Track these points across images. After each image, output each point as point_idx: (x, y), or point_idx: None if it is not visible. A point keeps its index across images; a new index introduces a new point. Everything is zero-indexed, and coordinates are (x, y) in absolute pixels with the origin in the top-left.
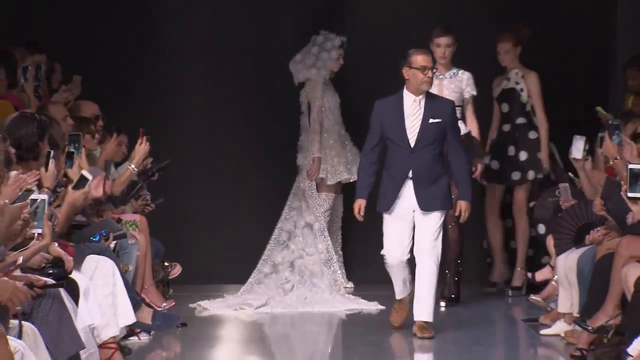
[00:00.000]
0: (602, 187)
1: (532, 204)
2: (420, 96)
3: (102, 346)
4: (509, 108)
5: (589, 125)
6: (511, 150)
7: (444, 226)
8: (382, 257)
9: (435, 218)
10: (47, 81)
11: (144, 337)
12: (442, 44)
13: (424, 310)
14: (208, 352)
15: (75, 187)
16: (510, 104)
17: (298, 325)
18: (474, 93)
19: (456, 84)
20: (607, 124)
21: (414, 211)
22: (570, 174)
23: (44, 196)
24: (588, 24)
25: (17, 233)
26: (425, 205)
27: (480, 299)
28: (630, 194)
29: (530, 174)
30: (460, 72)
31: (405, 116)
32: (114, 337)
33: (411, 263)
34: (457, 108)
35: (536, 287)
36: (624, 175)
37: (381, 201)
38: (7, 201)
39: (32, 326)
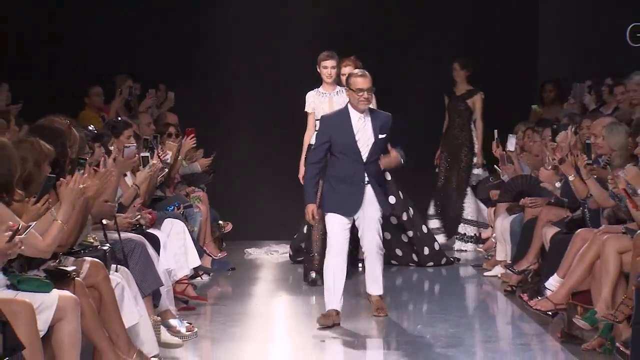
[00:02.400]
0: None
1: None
2: (364, 113)
3: (178, 282)
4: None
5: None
6: None
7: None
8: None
9: (377, 218)
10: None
11: (205, 277)
12: (329, 66)
13: (379, 285)
14: (251, 288)
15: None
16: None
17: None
18: None
19: (343, 99)
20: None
21: (356, 215)
22: (496, 166)
23: None
24: (517, 49)
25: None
26: (386, 208)
27: None
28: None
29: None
30: (343, 89)
31: (355, 131)
32: (185, 276)
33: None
34: None
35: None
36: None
37: (330, 204)
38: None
39: (126, 269)
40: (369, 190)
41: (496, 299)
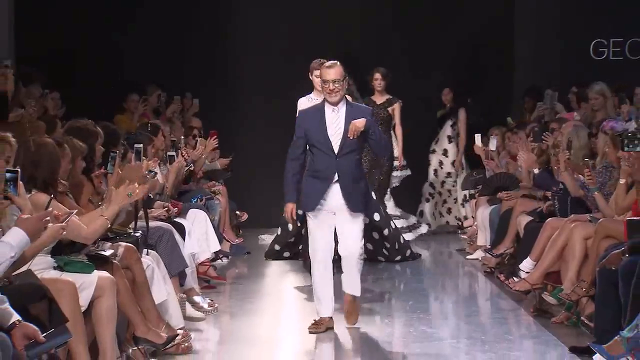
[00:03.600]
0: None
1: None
2: (339, 105)
3: (200, 264)
4: None
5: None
6: None
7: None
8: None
9: (359, 219)
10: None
11: (224, 260)
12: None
13: (356, 285)
14: (264, 269)
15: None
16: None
17: None
18: None
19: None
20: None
21: (334, 213)
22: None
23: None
24: (493, 59)
25: None
26: (355, 207)
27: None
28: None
29: None
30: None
31: (327, 124)
32: (207, 259)
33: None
34: None
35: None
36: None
37: (306, 202)
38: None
39: (156, 253)
40: (335, 188)
41: (477, 278)
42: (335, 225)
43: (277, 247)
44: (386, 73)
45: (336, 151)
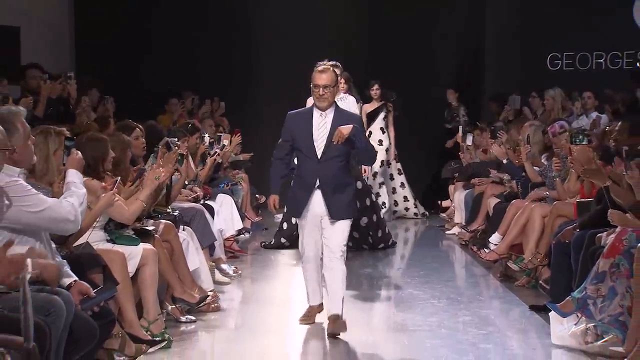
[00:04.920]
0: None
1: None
2: (327, 110)
3: (226, 239)
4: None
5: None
6: None
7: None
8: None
9: (343, 225)
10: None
11: (246, 235)
12: None
13: (338, 306)
14: None
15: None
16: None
17: None
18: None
19: (344, 105)
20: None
21: (321, 218)
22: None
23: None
24: (464, 65)
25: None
26: (334, 213)
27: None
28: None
29: None
30: (346, 96)
31: (313, 128)
32: (232, 235)
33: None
34: None
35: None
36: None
37: (291, 207)
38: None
39: (190, 229)
40: (317, 194)
41: (454, 250)
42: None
43: (282, 240)
44: (381, 84)
45: (319, 156)
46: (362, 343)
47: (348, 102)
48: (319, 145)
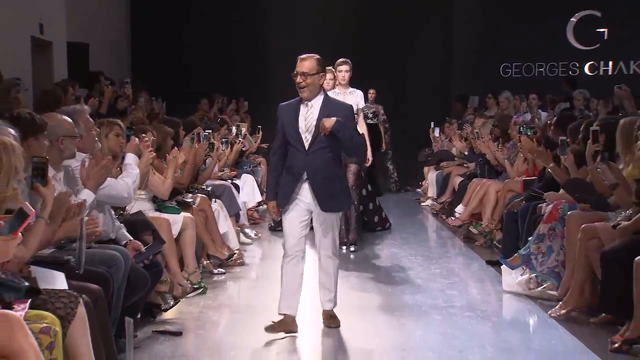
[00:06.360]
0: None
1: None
2: (313, 100)
3: (249, 209)
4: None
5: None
6: None
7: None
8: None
9: (332, 217)
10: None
11: (264, 206)
12: (343, 70)
13: (331, 300)
14: None
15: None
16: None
17: None
18: (363, 104)
19: (353, 98)
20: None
21: (311, 211)
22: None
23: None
24: (436, 73)
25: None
26: (324, 206)
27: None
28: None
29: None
30: (355, 90)
31: (299, 119)
32: (253, 206)
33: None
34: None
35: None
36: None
37: (280, 198)
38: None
39: (220, 201)
40: (306, 186)
41: (428, 218)
42: (311, 220)
43: None
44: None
45: (307, 147)
46: (353, 288)
47: (356, 96)
48: (306, 136)
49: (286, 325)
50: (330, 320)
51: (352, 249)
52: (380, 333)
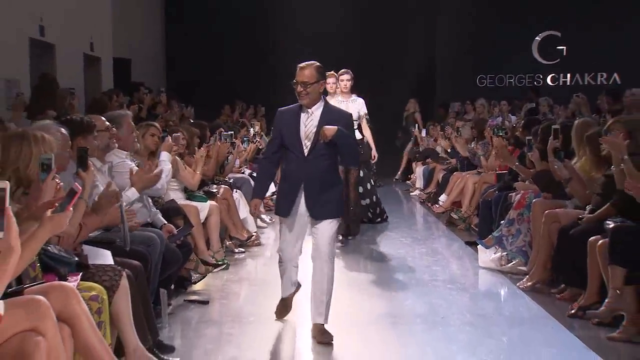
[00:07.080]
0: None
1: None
2: (313, 107)
3: (264, 199)
4: None
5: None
6: None
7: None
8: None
9: (329, 225)
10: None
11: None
12: (344, 79)
13: (322, 314)
14: None
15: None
16: None
17: None
18: (366, 111)
19: (355, 106)
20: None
21: (308, 216)
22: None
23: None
24: (421, 81)
25: None
26: (317, 213)
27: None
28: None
29: None
30: (357, 97)
31: (300, 125)
32: (268, 195)
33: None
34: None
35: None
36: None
37: (278, 206)
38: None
39: (240, 191)
40: (303, 194)
41: (415, 205)
42: (308, 226)
43: None
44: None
45: (305, 154)
46: (349, 268)
47: (358, 103)
48: (306, 143)
49: (287, 301)
50: (321, 337)
51: (349, 238)
52: (373, 303)
